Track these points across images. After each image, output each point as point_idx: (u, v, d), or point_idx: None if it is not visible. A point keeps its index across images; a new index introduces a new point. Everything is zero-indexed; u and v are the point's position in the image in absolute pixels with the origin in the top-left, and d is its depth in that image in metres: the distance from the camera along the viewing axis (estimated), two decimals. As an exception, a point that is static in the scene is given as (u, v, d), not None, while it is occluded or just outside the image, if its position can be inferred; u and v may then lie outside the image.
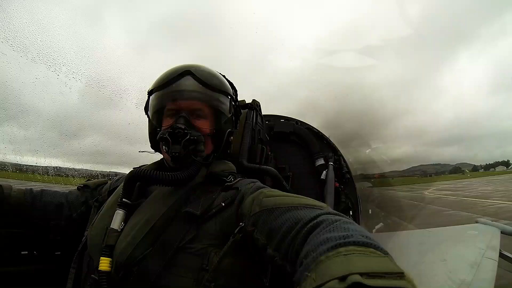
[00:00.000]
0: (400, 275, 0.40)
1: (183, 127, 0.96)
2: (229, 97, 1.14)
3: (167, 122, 1.03)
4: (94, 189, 1.25)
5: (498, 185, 35.69)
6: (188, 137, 0.96)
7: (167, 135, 0.96)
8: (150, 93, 1.11)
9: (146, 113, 1.12)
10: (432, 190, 34.06)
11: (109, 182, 1.26)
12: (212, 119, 1.08)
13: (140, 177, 0.96)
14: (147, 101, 1.12)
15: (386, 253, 0.48)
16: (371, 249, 0.47)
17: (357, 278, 0.38)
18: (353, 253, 0.46)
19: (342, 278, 0.39)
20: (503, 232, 2.68)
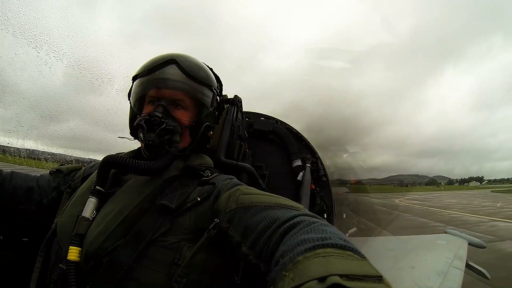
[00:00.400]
0: (379, 278, 0.41)
1: (160, 115, 0.94)
2: (213, 91, 1.13)
3: (147, 109, 1.01)
4: (67, 175, 1.20)
5: (463, 199, 38.75)
6: (164, 126, 0.94)
7: (143, 122, 0.94)
8: (134, 78, 1.08)
9: (129, 98, 1.10)
10: (403, 199, 36.63)
11: (83, 168, 1.21)
12: (193, 111, 1.06)
13: (113, 163, 0.92)
14: (131, 87, 1.09)
15: (363, 257, 0.48)
16: (349, 252, 0.48)
17: (337, 279, 0.38)
18: (332, 255, 0.46)
19: (322, 279, 0.39)
20: (470, 244, 2.80)
